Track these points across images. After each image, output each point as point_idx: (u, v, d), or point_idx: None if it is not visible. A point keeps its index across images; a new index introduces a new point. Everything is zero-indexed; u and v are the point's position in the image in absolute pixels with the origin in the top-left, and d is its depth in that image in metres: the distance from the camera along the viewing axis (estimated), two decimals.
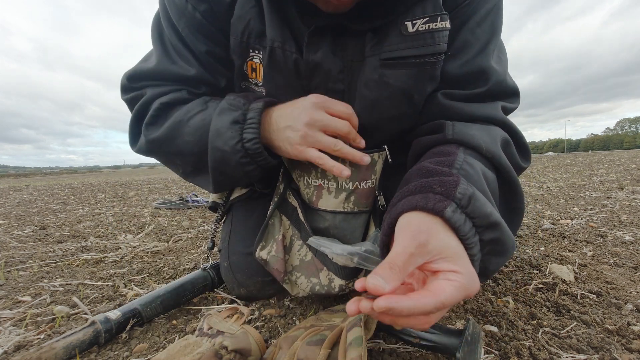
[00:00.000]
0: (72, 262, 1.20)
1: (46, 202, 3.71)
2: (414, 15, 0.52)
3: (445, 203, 0.38)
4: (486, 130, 0.55)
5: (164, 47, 0.62)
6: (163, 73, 0.62)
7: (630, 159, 8.11)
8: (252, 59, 0.59)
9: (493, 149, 0.52)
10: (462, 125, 0.55)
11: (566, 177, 3.90)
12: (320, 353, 0.46)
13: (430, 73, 0.56)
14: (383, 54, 0.54)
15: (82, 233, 1.75)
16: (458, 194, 0.39)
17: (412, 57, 0.54)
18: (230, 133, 0.53)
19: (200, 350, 0.51)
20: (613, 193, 2.35)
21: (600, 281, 0.82)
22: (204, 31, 0.58)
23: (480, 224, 0.39)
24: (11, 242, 1.59)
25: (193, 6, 0.56)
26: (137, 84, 0.64)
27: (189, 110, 0.59)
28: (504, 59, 0.62)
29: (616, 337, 0.58)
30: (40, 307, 0.81)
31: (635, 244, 1.13)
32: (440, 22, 0.52)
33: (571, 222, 1.50)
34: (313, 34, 0.54)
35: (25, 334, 0.67)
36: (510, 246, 0.43)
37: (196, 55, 0.61)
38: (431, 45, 0.53)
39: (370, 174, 0.63)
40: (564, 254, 1.03)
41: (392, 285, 0.31)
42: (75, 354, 0.57)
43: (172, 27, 0.60)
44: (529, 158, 0.61)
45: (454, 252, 0.36)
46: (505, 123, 0.58)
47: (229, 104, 0.56)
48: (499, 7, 0.58)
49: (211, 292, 0.84)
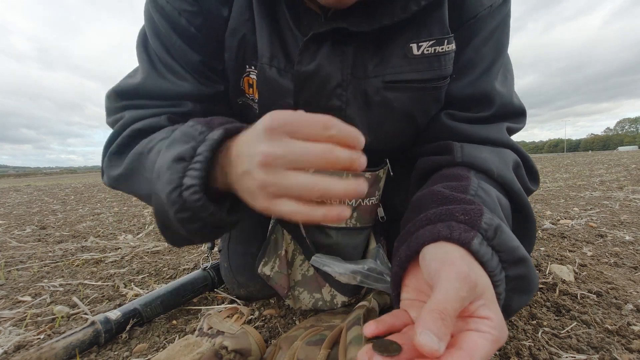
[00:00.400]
0: (72, 262, 1.20)
1: (46, 202, 3.71)
2: (420, 36, 0.49)
3: (471, 234, 0.34)
4: (496, 153, 0.52)
5: (151, 62, 0.55)
6: (150, 89, 0.54)
7: (630, 159, 8.11)
8: (249, 75, 0.55)
9: (505, 174, 0.49)
10: (471, 147, 0.52)
11: (566, 177, 3.90)
12: (320, 353, 0.46)
13: (434, 96, 0.54)
14: (386, 76, 0.51)
15: (82, 233, 1.75)
16: (484, 224, 0.35)
17: (417, 81, 0.51)
18: (169, 175, 0.36)
19: (200, 350, 0.51)
20: (613, 193, 2.35)
21: (600, 281, 0.82)
22: (198, 44, 0.53)
23: (506, 259, 0.35)
24: (11, 242, 1.59)
25: (187, 20, 0.51)
26: (119, 102, 0.55)
27: (152, 139, 0.46)
28: (509, 77, 0.59)
29: (616, 337, 0.58)
30: (40, 307, 0.81)
31: (635, 244, 1.13)
32: (447, 45, 0.50)
33: (571, 222, 1.50)
34: (309, 42, 0.49)
35: (25, 334, 0.67)
36: (535, 283, 0.38)
37: (190, 67, 0.54)
38: (437, 69, 0.51)
39: (374, 191, 0.62)
40: (564, 254, 1.03)
41: (446, 342, 0.25)
42: (75, 354, 0.57)
43: (161, 42, 0.53)
44: (538, 181, 0.58)
45: (492, 294, 0.31)
46: (512, 146, 0.56)
47: (182, 132, 0.39)
48: (505, 23, 0.55)
49: (211, 292, 0.84)
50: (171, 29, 0.52)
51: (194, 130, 0.38)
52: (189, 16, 0.51)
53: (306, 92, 0.52)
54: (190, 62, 0.54)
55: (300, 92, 0.52)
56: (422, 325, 0.25)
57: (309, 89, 0.52)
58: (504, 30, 0.55)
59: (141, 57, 0.56)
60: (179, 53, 0.53)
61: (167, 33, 0.52)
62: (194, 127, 0.38)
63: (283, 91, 0.53)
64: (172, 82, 0.54)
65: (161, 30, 0.52)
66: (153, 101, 0.54)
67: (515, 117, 0.59)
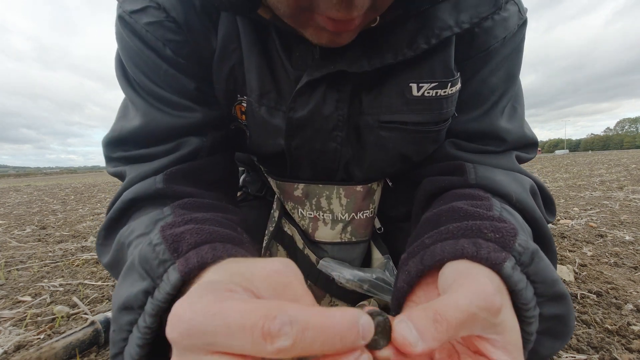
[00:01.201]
0: (72, 262, 1.20)
1: (46, 202, 3.71)
2: (421, 76, 0.44)
3: (503, 255, 0.27)
4: (512, 177, 0.46)
5: (139, 95, 0.48)
6: (150, 131, 0.47)
7: (630, 159, 8.11)
8: (241, 103, 0.51)
9: (524, 199, 0.43)
10: (485, 169, 0.46)
11: (566, 177, 3.90)
12: None
13: (433, 138, 0.50)
14: (382, 116, 0.47)
15: (82, 233, 1.75)
16: (518, 246, 0.28)
17: (414, 124, 0.47)
18: (112, 333, 0.30)
19: None
20: (613, 193, 2.35)
21: (600, 281, 0.82)
22: (189, 72, 0.47)
23: (543, 292, 0.28)
24: (11, 242, 1.59)
25: (173, 50, 0.44)
26: (117, 152, 0.49)
27: (133, 230, 0.40)
28: (520, 108, 0.54)
29: (616, 337, 0.58)
30: (40, 307, 0.81)
31: (635, 244, 1.13)
32: (450, 87, 0.45)
33: (571, 222, 1.50)
34: (303, 88, 0.44)
35: (25, 334, 0.67)
36: (572, 328, 0.32)
37: (185, 96, 0.48)
38: (437, 111, 0.46)
39: (368, 204, 0.60)
40: (564, 254, 1.03)
41: (428, 346, 0.20)
42: (75, 354, 0.57)
43: (147, 76, 0.47)
44: (555, 212, 0.53)
45: (517, 337, 0.24)
46: (525, 174, 0.50)
47: (142, 257, 0.30)
48: (518, 49, 0.49)
49: None
50: (158, 57, 0.45)
51: (155, 257, 0.29)
52: (175, 47, 0.45)
53: (299, 137, 0.49)
54: (185, 90, 0.47)
55: (293, 137, 0.49)
56: (407, 315, 0.21)
57: (303, 135, 0.48)
58: (517, 58, 0.49)
59: (127, 92, 0.49)
60: (170, 82, 0.46)
61: (153, 62, 0.45)
62: (156, 250, 0.30)
63: (274, 131, 0.49)
64: (177, 116, 0.47)
65: (143, 59, 0.45)
66: (153, 148, 0.47)
67: (526, 148, 0.54)
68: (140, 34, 0.44)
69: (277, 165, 0.58)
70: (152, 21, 0.43)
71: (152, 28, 0.43)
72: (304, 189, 0.58)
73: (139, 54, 0.45)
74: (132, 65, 0.47)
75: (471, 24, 0.41)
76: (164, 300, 0.26)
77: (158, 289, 0.27)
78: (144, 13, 0.43)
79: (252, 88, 0.47)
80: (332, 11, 0.30)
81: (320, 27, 0.34)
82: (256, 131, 0.51)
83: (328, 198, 0.58)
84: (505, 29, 0.45)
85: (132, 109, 0.49)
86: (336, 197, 0.57)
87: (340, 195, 0.57)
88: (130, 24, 0.43)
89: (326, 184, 0.57)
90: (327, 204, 0.58)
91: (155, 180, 0.44)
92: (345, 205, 0.58)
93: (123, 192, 0.45)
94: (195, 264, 0.27)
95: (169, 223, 0.34)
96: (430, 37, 0.40)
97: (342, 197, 0.57)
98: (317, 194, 0.58)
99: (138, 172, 0.46)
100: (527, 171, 0.50)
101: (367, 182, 0.58)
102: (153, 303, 0.26)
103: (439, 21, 0.40)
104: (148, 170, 0.45)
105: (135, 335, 0.27)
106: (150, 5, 0.43)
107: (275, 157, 0.54)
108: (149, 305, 0.27)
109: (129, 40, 0.45)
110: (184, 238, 0.30)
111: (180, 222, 0.34)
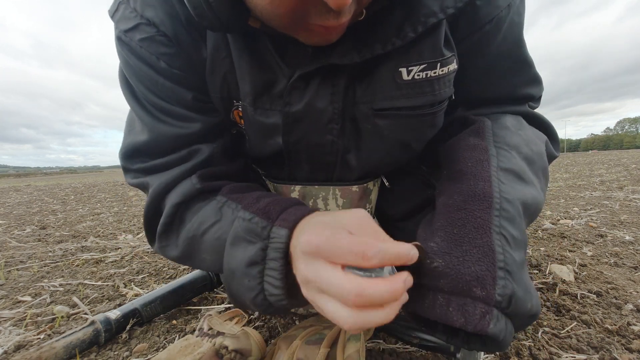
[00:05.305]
0: (72, 262, 1.20)
1: (46, 202, 3.71)
2: (410, 60, 0.44)
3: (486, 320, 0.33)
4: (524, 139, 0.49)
5: (145, 108, 0.52)
6: (160, 143, 0.51)
7: (630, 159, 8.12)
8: (238, 108, 0.52)
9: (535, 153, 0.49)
10: (501, 130, 0.49)
11: (566, 177, 3.90)
12: (319, 352, 0.47)
13: (429, 122, 0.50)
14: (375, 103, 0.47)
15: (82, 233, 1.75)
16: (497, 296, 0.34)
17: (408, 108, 0.47)
18: (247, 282, 0.39)
19: (201, 350, 0.51)
20: (613, 193, 2.35)
21: (600, 281, 0.82)
22: (185, 83, 0.50)
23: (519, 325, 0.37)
24: (11, 242, 1.59)
25: (167, 63, 0.47)
26: (135, 164, 0.54)
27: (202, 222, 0.47)
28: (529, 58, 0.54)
29: (616, 337, 0.58)
30: (40, 307, 0.81)
31: (635, 244, 1.13)
32: (441, 68, 0.45)
33: (571, 222, 1.50)
34: (297, 81, 0.46)
35: (25, 334, 0.67)
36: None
37: (185, 106, 0.51)
38: (429, 94, 0.46)
39: (364, 204, 0.60)
40: (564, 254, 1.03)
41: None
42: (75, 354, 0.57)
43: (149, 89, 0.50)
44: (559, 148, 0.60)
45: None
46: (536, 116, 0.56)
47: (244, 229, 0.40)
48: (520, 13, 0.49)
49: (211, 292, 0.84)
50: (154, 71, 0.48)
51: (256, 226, 0.39)
52: (169, 59, 0.47)
53: (296, 132, 0.50)
54: (184, 100, 0.50)
55: (290, 133, 0.50)
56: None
57: (299, 129, 0.49)
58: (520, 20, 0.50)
59: (133, 105, 0.53)
60: (169, 93, 0.49)
61: (151, 76, 0.48)
62: (253, 222, 0.40)
63: (271, 130, 0.51)
64: (179, 127, 0.50)
65: (142, 74, 0.48)
66: (168, 156, 0.51)
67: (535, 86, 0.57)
68: (135, 51, 0.47)
69: (275, 166, 0.58)
70: (145, 37, 0.46)
71: (145, 44, 0.46)
72: (300, 190, 0.58)
73: (138, 70, 0.48)
74: (135, 80, 0.50)
75: (455, 8, 0.42)
76: (284, 247, 0.36)
77: (270, 245, 0.37)
78: (137, 30, 0.46)
79: (245, 93, 0.49)
80: (324, 21, 0.34)
81: (311, 31, 0.37)
82: (254, 133, 0.53)
83: (324, 199, 0.58)
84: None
85: (138, 122, 0.53)
86: (332, 198, 0.58)
87: (336, 196, 0.58)
88: (127, 42, 0.47)
89: (322, 185, 0.57)
90: (323, 205, 0.58)
91: (192, 181, 0.50)
92: (341, 206, 0.58)
93: (158, 198, 0.51)
94: (292, 220, 0.37)
95: (246, 204, 0.43)
96: (417, 25, 0.41)
97: (339, 198, 0.58)
98: (313, 195, 0.58)
99: (164, 178, 0.51)
100: (538, 114, 0.56)
101: (365, 179, 0.58)
102: (278, 249, 0.37)
103: (424, 8, 0.41)
104: (175, 176, 0.50)
105: (270, 275, 0.37)
106: (142, 22, 0.45)
107: (273, 158, 0.55)
108: (273, 252, 0.37)
109: (127, 58, 0.48)
110: (269, 209, 0.40)
111: (253, 201, 0.43)
